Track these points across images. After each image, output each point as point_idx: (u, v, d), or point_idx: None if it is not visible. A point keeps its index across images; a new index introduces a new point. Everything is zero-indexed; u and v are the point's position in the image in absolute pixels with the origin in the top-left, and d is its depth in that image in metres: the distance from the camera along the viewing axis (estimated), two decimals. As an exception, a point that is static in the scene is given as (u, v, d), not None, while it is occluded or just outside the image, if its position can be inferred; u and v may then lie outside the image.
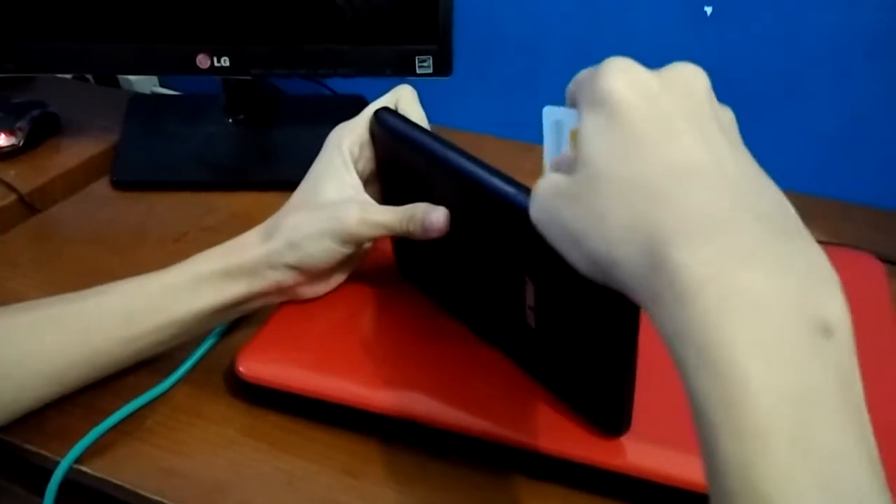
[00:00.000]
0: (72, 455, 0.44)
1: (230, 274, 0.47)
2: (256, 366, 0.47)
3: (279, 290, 0.49)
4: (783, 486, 0.20)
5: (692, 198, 0.25)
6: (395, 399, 0.45)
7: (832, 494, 0.20)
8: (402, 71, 0.71)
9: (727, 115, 0.29)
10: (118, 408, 0.47)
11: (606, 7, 0.81)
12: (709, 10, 0.79)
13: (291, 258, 0.47)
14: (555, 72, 0.83)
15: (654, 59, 0.38)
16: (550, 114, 0.36)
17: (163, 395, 0.49)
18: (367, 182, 0.50)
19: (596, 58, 0.31)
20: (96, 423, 0.46)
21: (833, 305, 0.23)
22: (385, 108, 0.49)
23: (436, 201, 0.46)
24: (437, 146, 0.45)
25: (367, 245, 0.52)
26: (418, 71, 0.71)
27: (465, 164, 0.43)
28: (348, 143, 0.49)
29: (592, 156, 0.27)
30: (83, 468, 0.45)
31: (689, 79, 0.28)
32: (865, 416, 0.23)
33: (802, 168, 0.81)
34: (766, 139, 0.83)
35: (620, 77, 0.28)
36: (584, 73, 0.30)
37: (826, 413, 0.21)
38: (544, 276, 0.41)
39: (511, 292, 0.44)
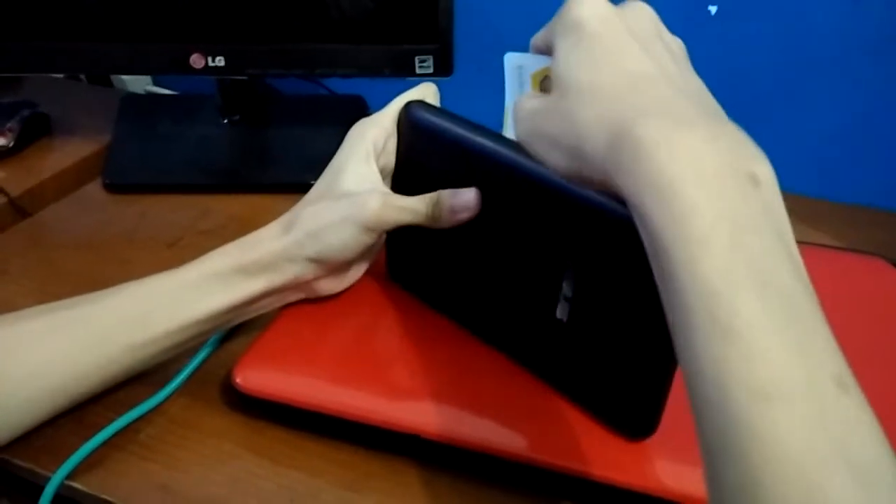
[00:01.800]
0: (63, 470, 0.43)
1: (247, 270, 0.46)
2: (254, 377, 0.46)
3: (297, 285, 0.48)
4: (724, 276, 0.25)
5: (645, 94, 0.31)
6: (400, 412, 0.44)
7: (763, 284, 0.25)
8: (401, 71, 0.69)
9: (677, 43, 0.35)
10: (111, 421, 0.45)
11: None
12: (713, 9, 0.78)
13: (311, 250, 0.46)
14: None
15: None
16: (512, 59, 0.40)
17: (157, 407, 0.47)
18: (385, 178, 0.49)
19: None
20: (88, 437, 0.44)
21: (760, 166, 0.28)
22: (418, 101, 0.48)
23: None
24: (479, 136, 0.43)
25: (383, 238, 0.50)
26: (418, 71, 0.69)
27: (510, 151, 0.42)
28: (373, 135, 0.48)
29: (565, 73, 0.33)
30: (75, 484, 0.43)
31: (639, 9, 0.34)
32: (793, 247, 0.27)
33: (808, 169, 0.80)
34: (771, 139, 0.82)
35: (583, 7, 0.33)
36: (554, 19, 0.35)
37: (756, 231, 0.26)
38: (589, 264, 0.40)
39: (542, 285, 0.42)
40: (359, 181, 0.47)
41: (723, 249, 0.25)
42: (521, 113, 0.36)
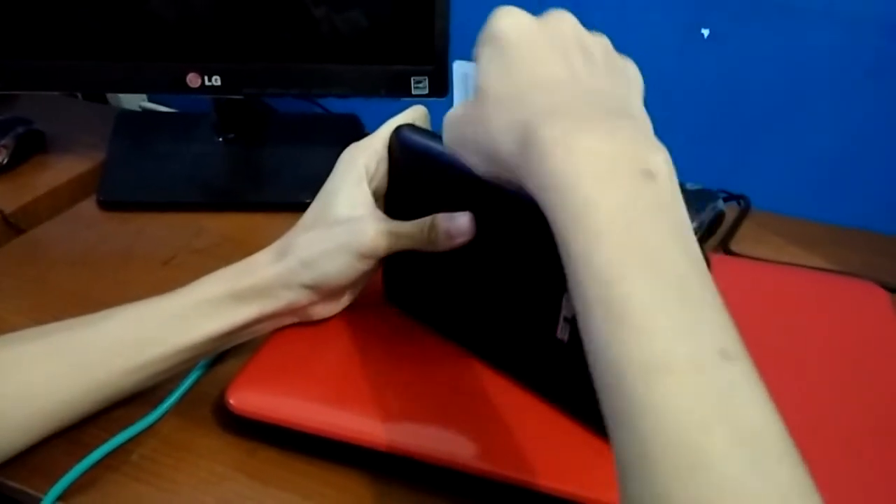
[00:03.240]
0: (55, 491, 0.42)
1: (241, 296, 0.46)
2: (247, 398, 0.46)
3: (291, 310, 0.48)
4: (617, 266, 0.27)
5: (550, 97, 0.33)
6: (393, 434, 0.43)
7: (654, 270, 0.27)
8: (397, 92, 0.70)
9: (600, 43, 0.37)
10: (103, 441, 0.45)
11: (605, 28, 0.81)
12: (706, 32, 0.78)
13: (307, 277, 0.46)
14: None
15: (652, 81, 0.38)
16: (460, 67, 0.43)
17: (150, 427, 0.47)
18: (378, 201, 0.49)
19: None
20: (81, 458, 0.44)
21: (655, 159, 0.30)
22: (408, 125, 0.48)
23: None
24: None
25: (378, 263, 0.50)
26: (414, 92, 0.70)
27: None
28: (364, 159, 0.48)
29: (483, 81, 0.36)
30: (66, 505, 0.43)
31: (557, 18, 0.37)
32: (687, 234, 0.29)
33: (803, 191, 0.81)
34: (766, 161, 0.83)
35: (504, 19, 0.36)
36: (481, 31, 0.38)
37: (649, 222, 0.28)
38: None
39: (541, 305, 0.43)
40: (352, 206, 0.47)
41: (616, 242, 0.28)
42: (448, 120, 0.39)
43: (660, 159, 0.30)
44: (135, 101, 1.06)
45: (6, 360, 0.43)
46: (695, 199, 0.66)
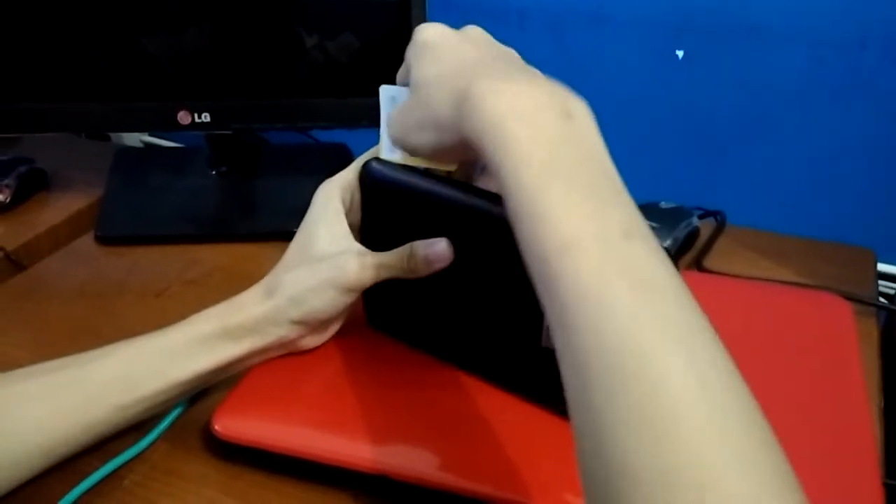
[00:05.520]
0: (49, 518, 0.44)
1: (231, 334, 0.48)
2: (232, 424, 0.48)
3: (281, 344, 0.50)
4: (538, 179, 0.33)
5: (477, 68, 0.38)
6: (376, 454, 0.45)
7: (568, 181, 0.32)
8: (378, 122, 0.72)
9: (510, 52, 0.43)
10: (95, 468, 0.47)
11: (581, 54, 0.83)
12: (680, 53, 0.81)
13: (295, 313, 0.48)
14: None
15: (630, 101, 0.40)
16: (386, 91, 0.47)
17: (140, 454, 0.49)
18: (355, 232, 0.51)
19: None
20: (73, 485, 0.46)
21: (574, 105, 0.35)
22: (376, 158, 0.50)
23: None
24: (437, 186, 0.46)
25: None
26: (395, 121, 0.72)
27: (474, 198, 0.44)
28: (339, 193, 0.50)
29: (418, 75, 0.41)
30: (60, 531, 0.45)
31: (472, 28, 0.43)
32: (603, 160, 0.34)
33: (777, 205, 0.82)
34: (741, 177, 0.85)
35: (427, 29, 0.43)
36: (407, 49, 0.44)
37: (566, 146, 0.34)
38: None
39: (523, 318, 0.45)
40: (332, 242, 0.49)
41: (538, 161, 0.33)
42: (392, 118, 0.44)
43: (577, 104, 0.35)
44: (136, 137, 1.09)
45: (4, 398, 0.46)
46: (669, 218, 0.68)
